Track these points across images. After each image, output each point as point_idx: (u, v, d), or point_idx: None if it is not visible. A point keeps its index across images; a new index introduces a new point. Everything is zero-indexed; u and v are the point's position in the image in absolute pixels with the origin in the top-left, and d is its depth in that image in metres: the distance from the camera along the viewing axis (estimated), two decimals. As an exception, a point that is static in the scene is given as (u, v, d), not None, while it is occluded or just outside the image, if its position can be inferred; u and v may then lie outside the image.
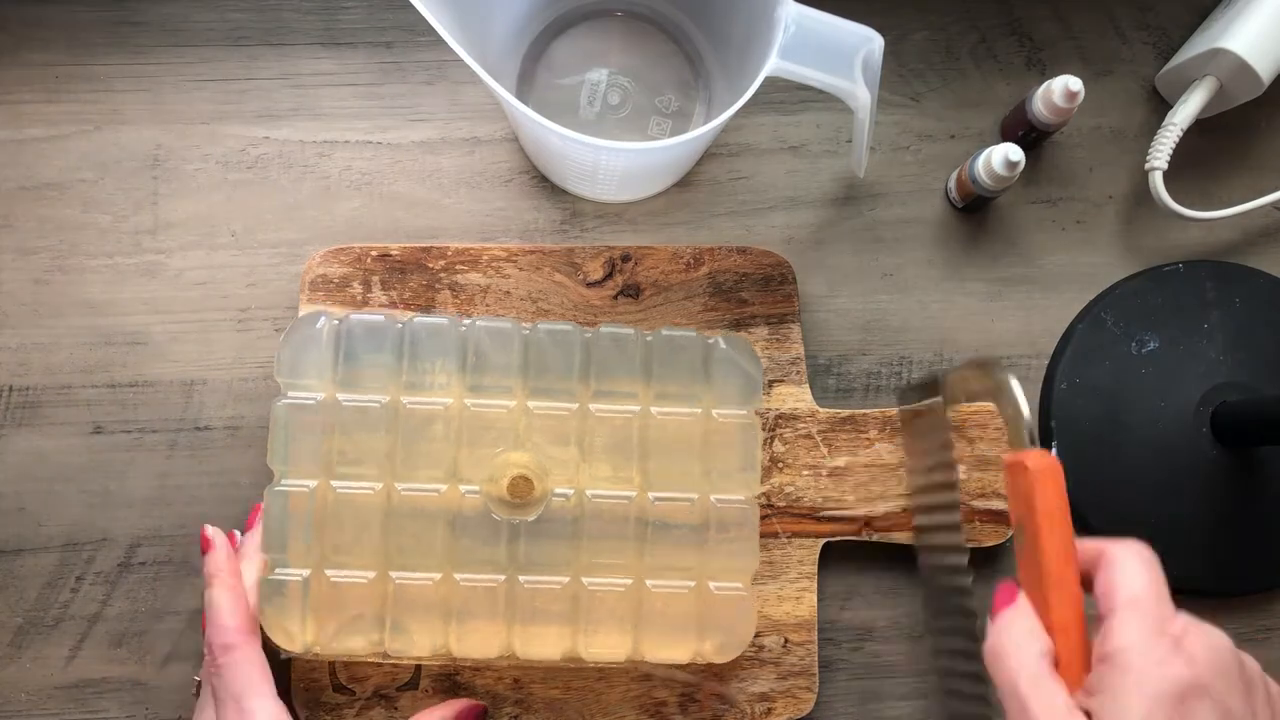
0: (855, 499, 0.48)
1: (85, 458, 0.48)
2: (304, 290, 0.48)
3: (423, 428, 0.43)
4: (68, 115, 0.51)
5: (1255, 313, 0.52)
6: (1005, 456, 0.34)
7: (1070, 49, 0.55)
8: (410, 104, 0.52)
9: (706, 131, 0.40)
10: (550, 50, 0.52)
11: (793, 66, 0.41)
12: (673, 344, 0.45)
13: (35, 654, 0.47)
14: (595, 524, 0.43)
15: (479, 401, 0.44)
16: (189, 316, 0.50)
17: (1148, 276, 0.53)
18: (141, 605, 0.48)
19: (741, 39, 0.47)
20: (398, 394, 0.43)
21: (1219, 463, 0.50)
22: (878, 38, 0.42)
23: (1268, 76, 0.50)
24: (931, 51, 0.54)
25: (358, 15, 0.52)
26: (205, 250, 0.50)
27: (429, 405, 0.43)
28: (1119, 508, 0.50)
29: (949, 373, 0.42)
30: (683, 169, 0.51)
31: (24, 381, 0.49)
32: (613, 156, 0.43)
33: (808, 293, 0.52)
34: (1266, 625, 0.51)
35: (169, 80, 0.51)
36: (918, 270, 0.53)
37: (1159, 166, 0.51)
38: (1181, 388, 0.51)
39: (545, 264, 0.49)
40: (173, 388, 0.49)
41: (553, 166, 0.50)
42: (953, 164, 0.53)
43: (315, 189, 0.51)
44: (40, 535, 0.48)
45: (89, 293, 0.49)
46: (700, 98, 0.52)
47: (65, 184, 0.50)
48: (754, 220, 0.52)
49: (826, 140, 0.53)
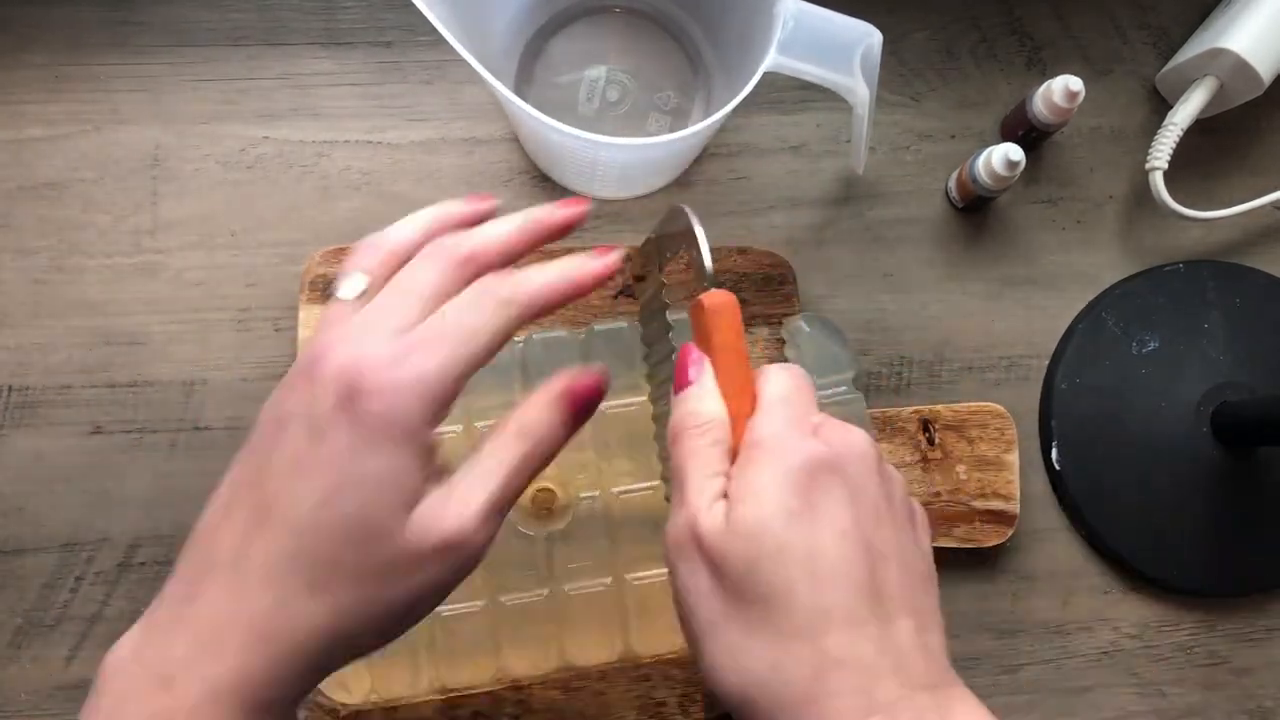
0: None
1: (85, 458, 0.48)
2: (304, 290, 0.48)
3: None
4: (68, 115, 0.51)
5: (1255, 312, 0.52)
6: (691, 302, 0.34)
7: (1071, 49, 0.55)
8: (410, 104, 0.52)
9: (705, 127, 0.40)
10: (549, 47, 0.52)
11: (792, 62, 0.41)
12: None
13: (35, 654, 0.47)
14: (627, 520, 0.43)
15: (487, 424, 0.44)
16: (188, 316, 0.50)
17: (1148, 276, 0.53)
18: (141, 605, 0.47)
19: (740, 35, 0.47)
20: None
21: (1219, 463, 0.50)
22: (876, 33, 0.42)
23: (1268, 76, 0.50)
24: (931, 51, 0.54)
25: (357, 15, 0.52)
26: (204, 250, 0.50)
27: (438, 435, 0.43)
28: (1119, 508, 0.50)
29: (657, 231, 0.41)
30: (681, 165, 0.51)
31: (23, 381, 0.48)
32: (611, 152, 0.43)
33: (808, 293, 0.52)
34: (1266, 625, 0.51)
35: (169, 80, 0.51)
36: (918, 270, 0.53)
37: (1159, 166, 0.51)
38: (1181, 388, 0.51)
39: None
40: (172, 388, 0.49)
41: (552, 164, 0.50)
42: (953, 164, 0.53)
43: (314, 189, 0.51)
44: (40, 535, 0.48)
45: (88, 293, 0.49)
46: (699, 94, 0.52)
47: (65, 184, 0.50)
48: (754, 220, 0.52)
49: (826, 140, 0.53)
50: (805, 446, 0.28)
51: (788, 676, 0.27)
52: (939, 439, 0.49)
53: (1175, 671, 0.51)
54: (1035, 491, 0.51)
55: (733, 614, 0.27)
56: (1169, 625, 0.51)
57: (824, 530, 0.27)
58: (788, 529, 0.27)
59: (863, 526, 0.28)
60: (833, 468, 0.28)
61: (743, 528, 0.27)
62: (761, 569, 0.27)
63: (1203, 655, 0.51)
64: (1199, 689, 0.51)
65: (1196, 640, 0.51)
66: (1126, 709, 0.50)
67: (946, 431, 0.49)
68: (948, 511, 0.49)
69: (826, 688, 0.26)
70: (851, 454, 0.29)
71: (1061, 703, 0.50)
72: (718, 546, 0.28)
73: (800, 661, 0.27)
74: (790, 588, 0.27)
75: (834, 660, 0.26)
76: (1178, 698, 0.51)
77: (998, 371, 0.52)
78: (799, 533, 0.27)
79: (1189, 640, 0.51)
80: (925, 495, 0.48)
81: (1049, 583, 0.51)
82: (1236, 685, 0.51)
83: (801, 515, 0.27)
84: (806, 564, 0.27)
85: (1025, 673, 0.50)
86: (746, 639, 0.27)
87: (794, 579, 0.27)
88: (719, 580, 0.28)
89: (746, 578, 0.27)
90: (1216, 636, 0.51)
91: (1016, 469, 0.49)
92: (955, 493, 0.49)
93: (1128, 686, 0.50)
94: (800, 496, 0.28)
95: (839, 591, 0.27)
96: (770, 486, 0.28)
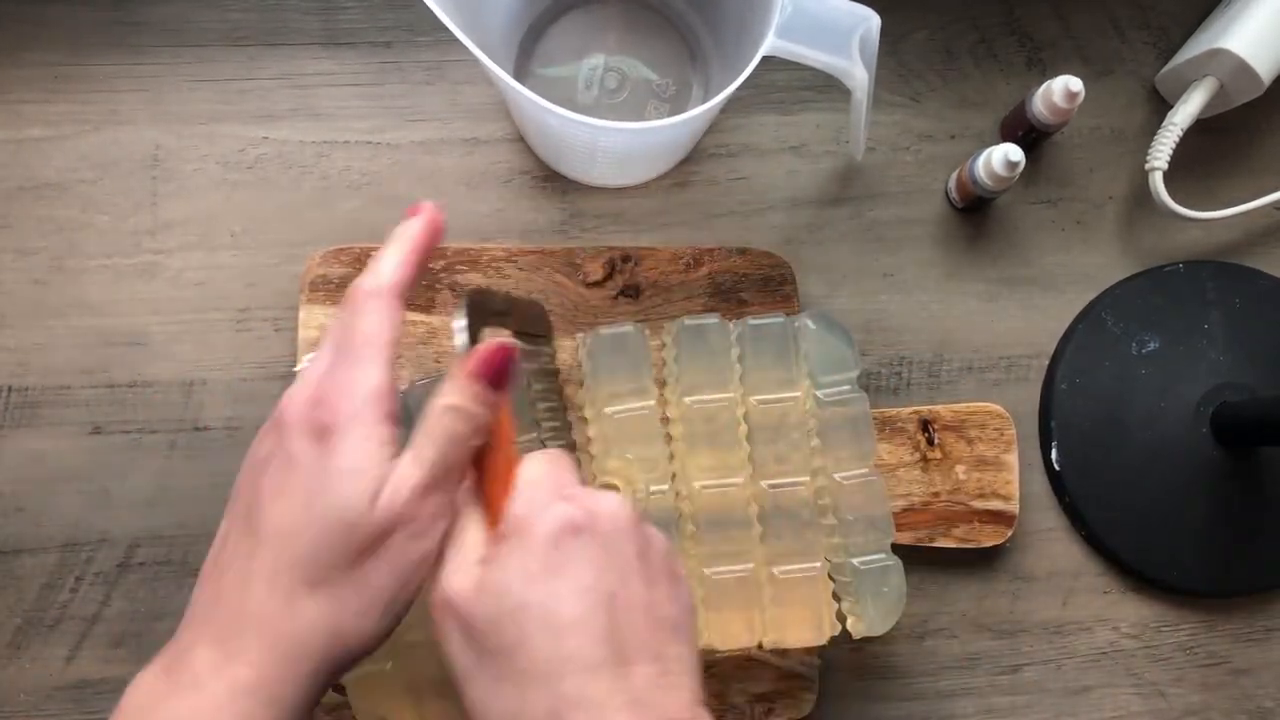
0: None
1: (84, 458, 0.48)
2: (304, 290, 0.48)
3: None
4: (68, 115, 0.51)
5: (1255, 313, 0.52)
6: None
7: (1070, 49, 0.55)
8: (410, 104, 0.52)
9: (704, 111, 0.40)
10: (547, 36, 0.52)
11: (790, 45, 0.41)
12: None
13: (35, 654, 0.47)
14: (705, 514, 0.43)
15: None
16: (188, 317, 0.50)
17: (1148, 276, 0.53)
18: (141, 605, 0.48)
19: (738, 20, 0.47)
20: None
21: (1219, 463, 0.50)
22: (875, 17, 0.42)
23: (1268, 76, 0.50)
24: (931, 51, 0.54)
25: (357, 15, 0.52)
26: (204, 250, 0.50)
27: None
28: (1119, 508, 0.50)
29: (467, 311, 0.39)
30: (681, 152, 0.51)
31: (23, 382, 0.48)
32: (610, 137, 0.43)
33: (808, 293, 0.52)
34: (1266, 625, 0.51)
35: (168, 80, 0.51)
36: (918, 270, 0.53)
37: (1159, 166, 0.51)
38: (1181, 388, 0.51)
39: (545, 264, 0.49)
40: (172, 388, 0.49)
41: (552, 152, 0.50)
42: (953, 164, 0.53)
43: (315, 189, 0.51)
44: (39, 535, 0.48)
45: (88, 293, 0.49)
46: (697, 81, 0.52)
47: (65, 184, 0.50)
48: (754, 220, 0.52)
49: (826, 140, 0.53)
50: (551, 514, 0.31)
51: (528, 719, 0.29)
52: (938, 439, 0.49)
53: (1175, 671, 0.51)
54: (1035, 491, 0.51)
55: (484, 665, 0.30)
56: (1169, 625, 0.51)
57: (564, 587, 0.30)
58: (526, 589, 0.30)
59: (606, 581, 0.31)
60: (579, 528, 0.31)
61: (489, 589, 0.30)
62: (504, 624, 0.30)
63: (1203, 655, 0.51)
64: (1199, 689, 0.51)
65: (1196, 640, 0.51)
66: (1126, 709, 0.50)
67: (946, 432, 0.49)
68: (947, 511, 0.49)
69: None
70: (603, 514, 0.31)
71: (1061, 703, 0.50)
72: (465, 607, 0.30)
73: (537, 705, 0.29)
74: (528, 640, 0.30)
75: (569, 702, 0.29)
76: (1178, 698, 0.51)
77: (997, 371, 0.52)
78: (538, 592, 0.30)
79: (1189, 640, 0.51)
80: (925, 495, 0.49)
81: (1049, 583, 0.51)
82: (1236, 685, 0.51)
83: (540, 576, 0.30)
84: (543, 619, 0.30)
85: (1025, 673, 0.50)
86: (494, 686, 0.30)
87: (531, 633, 0.30)
88: (468, 637, 0.30)
89: (490, 634, 0.30)
90: (1216, 636, 0.51)
91: (1016, 469, 0.49)
92: (955, 493, 0.49)
93: (1128, 687, 0.50)
94: (540, 559, 0.30)
95: (576, 640, 0.30)
96: (516, 552, 0.31)
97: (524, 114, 0.48)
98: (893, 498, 0.48)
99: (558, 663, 0.29)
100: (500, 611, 0.30)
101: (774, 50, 0.41)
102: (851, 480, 0.44)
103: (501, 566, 0.31)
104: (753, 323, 0.45)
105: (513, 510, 0.32)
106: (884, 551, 0.44)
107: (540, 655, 0.30)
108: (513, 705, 0.30)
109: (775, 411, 0.44)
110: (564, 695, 0.29)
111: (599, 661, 0.30)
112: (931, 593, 0.50)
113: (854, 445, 0.45)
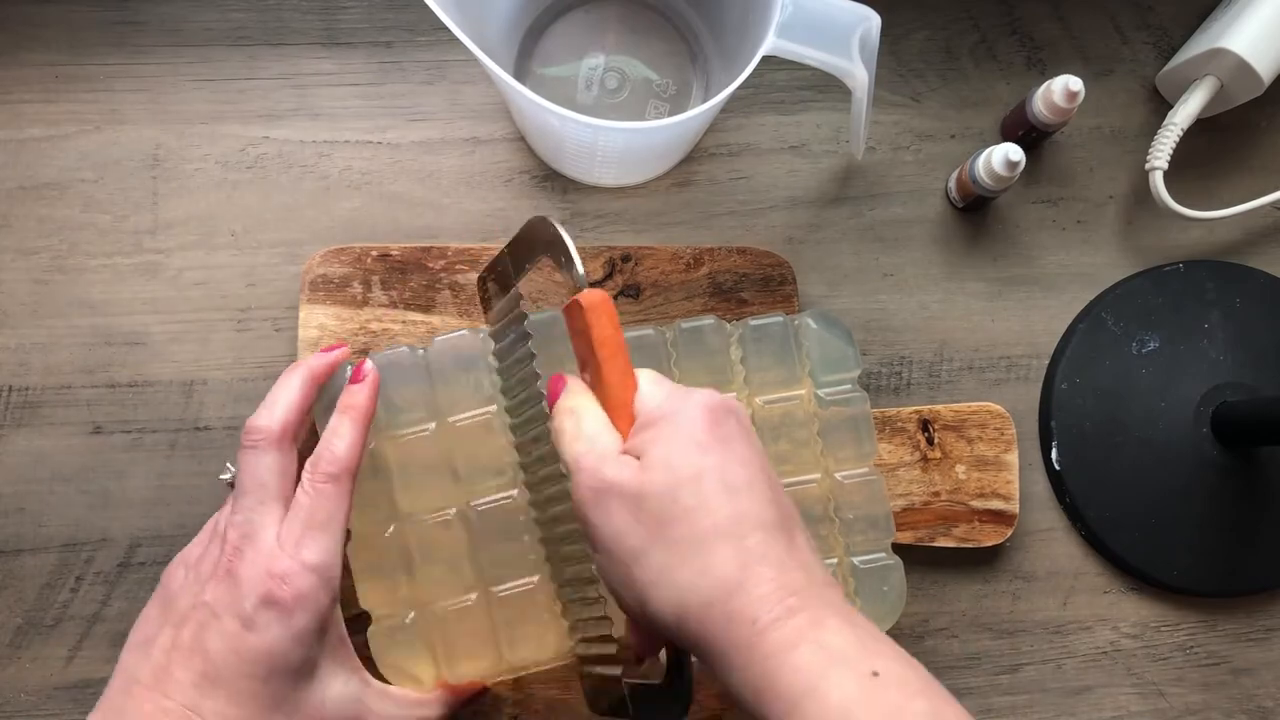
0: (855, 499, 0.48)
1: (85, 458, 0.48)
2: (304, 290, 0.48)
3: (482, 438, 0.42)
4: (68, 115, 0.51)
5: (1255, 313, 0.52)
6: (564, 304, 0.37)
7: (1070, 49, 0.55)
8: (410, 104, 0.52)
9: (704, 111, 0.40)
10: (547, 36, 0.52)
11: (790, 45, 0.41)
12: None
13: (35, 654, 0.47)
14: None
15: (456, 418, 0.43)
16: (188, 316, 0.50)
17: (1148, 276, 0.53)
18: (141, 605, 0.47)
19: (739, 20, 0.47)
20: (443, 417, 0.43)
21: (1219, 463, 0.50)
22: (875, 16, 0.42)
23: (1268, 76, 0.50)
24: (931, 51, 0.54)
25: (358, 15, 0.52)
26: (205, 250, 0.50)
27: (475, 417, 0.42)
28: (1119, 508, 0.50)
29: (513, 241, 0.42)
30: (681, 152, 0.51)
31: (23, 381, 0.49)
32: (611, 136, 0.43)
33: (808, 293, 0.52)
34: (1266, 625, 0.51)
35: (169, 80, 0.51)
36: (918, 270, 0.53)
37: (1159, 166, 0.51)
38: (1181, 388, 0.51)
39: (545, 264, 0.49)
40: (172, 388, 0.49)
41: (553, 152, 0.50)
42: (953, 164, 0.53)
43: (315, 189, 0.51)
44: (40, 535, 0.48)
45: (89, 293, 0.49)
46: (698, 81, 0.52)
47: (65, 184, 0.50)
48: (754, 220, 0.52)
49: (826, 140, 0.53)
50: (697, 397, 0.34)
51: (716, 575, 0.31)
52: (938, 439, 0.49)
53: (1175, 671, 0.51)
54: (1035, 491, 0.51)
55: (657, 538, 0.32)
56: (1169, 625, 0.51)
57: (732, 455, 0.33)
58: (702, 457, 0.32)
59: (758, 454, 0.34)
60: (727, 408, 0.34)
61: (659, 463, 0.32)
62: (682, 492, 0.32)
63: (1203, 655, 0.51)
64: (1199, 689, 0.51)
65: (1196, 640, 0.51)
66: (1126, 709, 0.50)
67: (946, 431, 0.49)
68: (947, 511, 0.49)
69: (751, 576, 0.31)
70: (735, 402, 0.35)
71: (1061, 703, 0.50)
72: (634, 484, 0.32)
73: (726, 560, 0.31)
74: (708, 502, 0.32)
75: (756, 555, 0.31)
76: (1177, 698, 0.51)
77: (997, 371, 0.52)
78: (711, 459, 0.32)
79: (1189, 640, 0.51)
80: (925, 495, 0.49)
81: (1049, 583, 0.51)
82: (1236, 685, 0.51)
83: (710, 446, 0.33)
84: (721, 481, 0.32)
85: (1025, 673, 0.50)
86: (676, 551, 0.32)
87: (709, 494, 0.32)
88: (638, 515, 0.32)
89: (669, 503, 0.32)
90: (1216, 636, 0.51)
91: (1016, 469, 0.49)
92: (955, 493, 0.49)
93: (1127, 686, 0.50)
94: (707, 432, 0.33)
95: (753, 502, 0.32)
96: (676, 431, 0.33)
97: (524, 114, 0.48)
98: (893, 497, 0.48)
99: (738, 519, 0.32)
100: (677, 481, 0.32)
101: (774, 50, 0.41)
102: (852, 479, 0.44)
103: (664, 443, 0.33)
104: (754, 323, 0.45)
105: (650, 403, 0.34)
106: (884, 551, 0.44)
107: (722, 514, 0.32)
108: (696, 566, 0.31)
109: (779, 410, 0.44)
110: (750, 550, 0.31)
111: (772, 522, 0.32)
112: (931, 592, 0.50)
113: (855, 445, 0.45)
